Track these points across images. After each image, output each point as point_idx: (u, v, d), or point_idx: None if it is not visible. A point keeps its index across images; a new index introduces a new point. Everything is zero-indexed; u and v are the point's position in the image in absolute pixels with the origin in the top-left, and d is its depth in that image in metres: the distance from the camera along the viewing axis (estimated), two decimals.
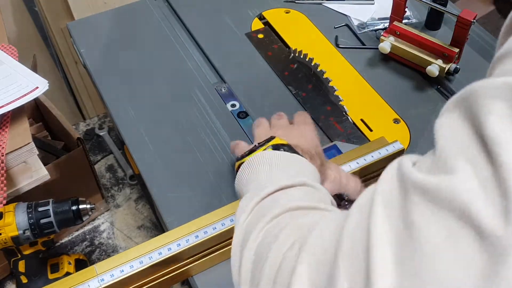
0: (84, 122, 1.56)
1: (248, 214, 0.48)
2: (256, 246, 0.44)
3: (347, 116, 0.87)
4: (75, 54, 1.19)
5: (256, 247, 0.44)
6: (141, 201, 1.33)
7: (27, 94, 0.85)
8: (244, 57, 0.98)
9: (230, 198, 0.74)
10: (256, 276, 0.42)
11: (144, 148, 0.83)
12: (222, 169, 0.79)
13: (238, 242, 0.47)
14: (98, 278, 0.61)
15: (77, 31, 1.04)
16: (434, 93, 0.91)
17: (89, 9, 1.27)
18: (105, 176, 1.39)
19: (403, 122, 0.86)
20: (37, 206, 0.84)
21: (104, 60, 0.98)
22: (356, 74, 0.94)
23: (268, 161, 0.57)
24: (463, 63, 0.93)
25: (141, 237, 1.25)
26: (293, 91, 0.91)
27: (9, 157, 0.81)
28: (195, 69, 0.96)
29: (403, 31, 0.92)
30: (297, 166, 0.57)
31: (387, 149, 0.73)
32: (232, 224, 0.66)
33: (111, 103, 0.90)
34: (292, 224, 0.43)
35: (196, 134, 0.85)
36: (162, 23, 1.05)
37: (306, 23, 1.05)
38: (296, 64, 0.96)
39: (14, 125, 0.85)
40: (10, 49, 0.96)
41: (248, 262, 0.44)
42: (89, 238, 1.24)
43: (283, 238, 0.41)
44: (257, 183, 0.54)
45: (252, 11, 1.08)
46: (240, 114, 0.88)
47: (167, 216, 0.74)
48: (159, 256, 0.63)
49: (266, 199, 0.50)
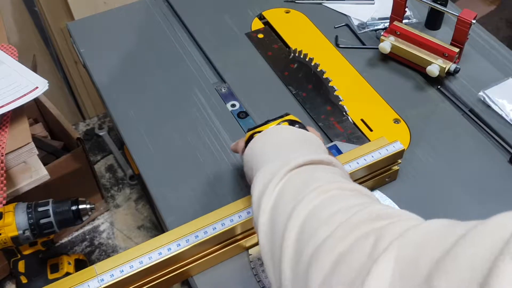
0: (84, 122, 1.56)
1: (280, 180, 0.48)
2: (306, 216, 0.43)
3: (347, 116, 0.87)
4: (75, 54, 1.19)
5: (305, 218, 0.43)
6: (141, 201, 1.33)
7: (27, 94, 0.85)
8: (244, 57, 0.98)
9: (230, 199, 0.74)
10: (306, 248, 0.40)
11: (144, 148, 0.83)
12: (222, 169, 0.79)
13: (269, 205, 0.47)
14: (98, 278, 0.61)
15: (77, 31, 1.04)
16: (434, 93, 0.91)
17: (89, 9, 1.27)
18: (105, 176, 1.39)
19: (403, 122, 0.86)
20: (37, 206, 0.84)
21: (104, 60, 0.98)
22: (356, 74, 0.94)
23: (287, 134, 0.57)
24: (463, 63, 0.93)
25: (141, 237, 1.25)
26: (293, 91, 0.91)
27: (9, 157, 0.81)
28: (195, 69, 0.96)
29: (403, 31, 0.92)
30: (314, 145, 0.57)
31: (387, 149, 0.73)
32: (232, 224, 0.66)
33: (111, 103, 0.90)
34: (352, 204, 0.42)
35: (196, 134, 0.84)
36: (162, 23, 1.05)
37: (306, 23, 1.05)
38: (296, 64, 0.96)
39: (14, 125, 0.85)
40: (10, 49, 0.96)
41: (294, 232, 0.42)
42: (89, 238, 1.24)
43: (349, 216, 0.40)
44: (278, 153, 0.53)
45: (252, 11, 1.08)
46: (240, 114, 0.88)
47: (167, 216, 0.74)
48: (159, 256, 0.63)
49: (300, 170, 0.49)
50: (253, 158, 0.57)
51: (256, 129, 0.61)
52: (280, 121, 0.61)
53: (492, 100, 0.87)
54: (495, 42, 1.00)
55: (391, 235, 0.36)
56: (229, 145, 0.82)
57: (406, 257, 0.33)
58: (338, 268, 0.37)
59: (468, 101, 0.89)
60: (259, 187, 0.50)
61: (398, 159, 0.76)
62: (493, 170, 0.78)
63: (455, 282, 0.28)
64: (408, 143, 0.83)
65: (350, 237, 0.38)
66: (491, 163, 0.80)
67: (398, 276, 0.33)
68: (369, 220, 0.39)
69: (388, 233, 0.36)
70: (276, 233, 0.45)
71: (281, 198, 0.47)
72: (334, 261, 0.37)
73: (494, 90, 0.88)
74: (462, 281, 0.28)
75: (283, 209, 0.45)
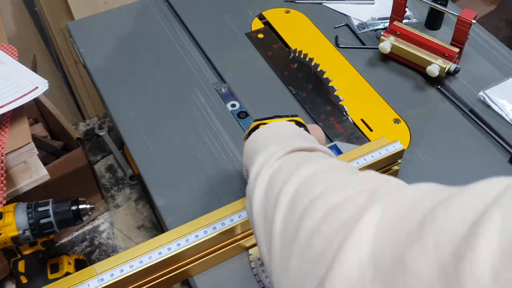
0: (84, 122, 1.56)
1: (280, 157, 0.49)
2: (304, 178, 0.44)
3: (347, 116, 0.87)
4: (75, 54, 1.19)
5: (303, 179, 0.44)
6: (141, 201, 1.33)
7: (27, 94, 0.85)
8: (244, 57, 0.98)
9: (230, 198, 0.74)
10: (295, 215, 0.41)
11: (144, 148, 0.83)
12: (222, 169, 0.79)
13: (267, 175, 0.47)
14: (98, 278, 0.61)
15: (77, 31, 1.04)
16: (434, 93, 0.91)
17: (89, 9, 1.27)
18: (105, 176, 1.39)
19: (403, 122, 0.86)
20: (37, 206, 0.84)
21: (104, 60, 0.98)
22: (356, 74, 0.94)
23: (291, 129, 0.58)
24: (463, 63, 0.93)
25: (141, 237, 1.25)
26: (293, 91, 0.91)
27: (9, 157, 0.81)
28: (195, 69, 0.96)
29: (403, 31, 0.92)
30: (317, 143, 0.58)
31: (387, 149, 0.73)
32: (232, 224, 0.66)
33: (111, 103, 0.90)
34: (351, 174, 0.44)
35: (196, 134, 0.84)
36: (162, 23, 1.05)
37: (306, 23, 1.05)
38: (296, 64, 0.96)
39: (14, 125, 0.85)
40: (10, 49, 0.96)
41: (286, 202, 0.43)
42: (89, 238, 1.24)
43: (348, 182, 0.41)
44: (279, 142, 0.54)
45: (252, 11, 1.08)
46: (240, 114, 0.88)
47: (167, 216, 0.74)
48: (159, 256, 0.63)
49: (300, 152, 0.50)
50: (254, 146, 0.57)
51: (263, 120, 0.61)
52: (288, 119, 0.62)
53: (492, 100, 0.87)
54: (495, 42, 1.00)
55: (385, 191, 0.37)
56: (229, 145, 0.83)
57: (399, 208, 0.34)
58: (330, 216, 0.38)
59: (468, 101, 0.89)
60: (258, 164, 0.50)
61: (398, 159, 0.76)
62: (493, 170, 0.78)
63: (445, 231, 0.29)
64: (408, 143, 0.83)
65: (346, 192, 0.39)
66: (491, 163, 0.80)
67: (390, 221, 0.33)
68: (366, 180, 0.41)
69: (383, 189, 0.38)
70: (271, 194, 0.45)
71: (279, 170, 0.48)
72: (328, 210, 0.38)
73: (494, 90, 0.88)
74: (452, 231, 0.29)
75: (282, 175, 0.46)
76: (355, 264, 0.33)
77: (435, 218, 0.30)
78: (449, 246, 0.28)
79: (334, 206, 0.38)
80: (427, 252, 0.29)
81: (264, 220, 0.45)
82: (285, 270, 0.39)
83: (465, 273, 0.26)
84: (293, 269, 0.38)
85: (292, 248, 0.39)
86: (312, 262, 0.36)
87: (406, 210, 0.33)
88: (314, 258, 0.36)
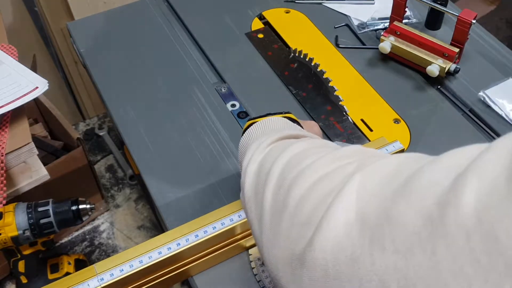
0: (84, 122, 1.56)
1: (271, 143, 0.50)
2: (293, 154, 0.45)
3: (347, 116, 0.87)
4: (75, 54, 1.19)
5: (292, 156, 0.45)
6: (141, 201, 1.33)
7: (27, 94, 0.85)
8: (244, 57, 0.98)
9: (230, 198, 0.74)
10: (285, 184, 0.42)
11: (144, 148, 0.83)
12: (222, 169, 0.79)
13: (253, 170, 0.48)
14: (97, 278, 0.61)
15: (77, 31, 1.04)
16: (434, 93, 0.91)
17: (89, 9, 1.27)
18: (105, 176, 1.39)
19: (403, 122, 0.86)
20: (37, 206, 0.84)
21: (104, 60, 0.98)
22: (356, 74, 0.94)
23: (283, 124, 0.59)
24: (463, 63, 0.93)
25: (141, 237, 1.25)
26: (293, 91, 0.91)
27: (9, 157, 0.81)
28: (195, 69, 0.96)
29: (403, 31, 0.92)
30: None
31: (387, 149, 0.73)
32: (232, 224, 0.66)
33: (111, 103, 0.90)
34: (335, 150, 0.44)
35: (196, 134, 0.84)
36: (162, 23, 1.05)
37: (306, 23, 1.05)
38: (296, 64, 0.96)
39: (14, 125, 0.85)
40: (10, 49, 0.96)
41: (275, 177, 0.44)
42: (89, 238, 1.24)
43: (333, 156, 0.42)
44: (269, 133, 0.55)
45: (252, 11, 1.08)
46: (240, 114, 0.88)
47: (167, 216, 0.74)
48: (159, 256, 0.63)
49: (288, 139, 0.51)
50: (247, 142, 0.59)
51: (256, 119, 0.62)
52: (281, 116, 0.62)
53: (492, 100, 0.87)
54: (495, 42, 1.00)
55: (372, 160, 0.38)
56: (229, 145, 0.83)
57: (384, 170, 0.35)
58: (318, 185, 0.39)
59: (468, 101, 0.89)
60: (249, 153, 0.51)
61: None
62: None
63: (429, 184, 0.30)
64: (408, 143, 0.83)
65: (334, 164, 0.40)
66: None
67: (376, 181, 0.34)
68: (354, 153, 0.42)
69: (369, 159, 0.39)
70: (261, 174, 0.46)
71: (269, 154, 0.49)
72: (316, 180, 0.39)
73: (494, 90, 0.88)
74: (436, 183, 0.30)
75: (271, 157, 0.47)
76: (342, 222, 0.33)
77: (419, 174, 0.31)
78: (433, 196, 0.29)
79: (322, 176, 0.39)
80: (412, 204, 0.30)
81: (255, 198, 0.45)
82: (275, 238, 0.40)
83: (449, 218, 0.27)
84: (282, 235, 0.39)
85: (281, 216, 0.40)
86: (301, 226, 0.37)
87: (391, 171, 0.35)
88: (303, 222, 0.37)
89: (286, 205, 0.40)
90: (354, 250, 0.32)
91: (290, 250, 0.37)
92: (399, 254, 0.29)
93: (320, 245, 0.34)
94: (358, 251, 0.31)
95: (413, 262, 0.28)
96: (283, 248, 0.38)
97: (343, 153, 0.42)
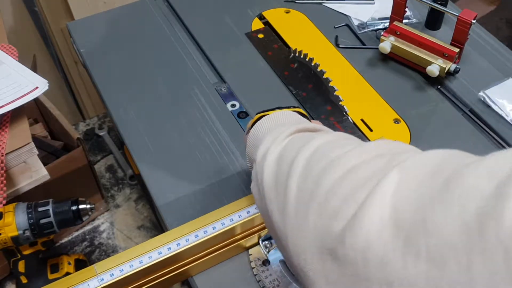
0: (84, 122, 1.56)
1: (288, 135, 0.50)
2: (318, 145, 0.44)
3: (347, 116, 0.87)
4: (75, 54, 1.19)
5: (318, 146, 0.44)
6: (141, 201, 1.33)
7: (27, 94, 0.85)
8: (244, 57, 0.98)
9: (230, 198, 0.74)
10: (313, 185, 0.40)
11: (144, 148, 0.83)
12: (222, 169, 0.79)
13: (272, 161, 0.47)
14: (97, 278, 0.61)
15: (77, 31, 1.04)
16: (434, 93, 0.91)
17: (89, 9, 1.27)
18: (105, 176, 1.39)
19: (403, 122, 0.86)
20: (37, 206, 0.84)
21: (104, 60, 0.98)
22: (356, 74, 0.94)
23: (294, 118, 0.58)
24: (463, 63, 0.93)
25: (141, 237, 1.25)
26: (293, 91, 0.91)
27: (9, 157, 0.81)
28: (195, 69, 0.96)
29: (403, 31, 0.92)
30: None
31: None
32: (232, 224, 0.66)
33: (111, 103, 0.90)
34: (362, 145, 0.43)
35: (196, 134, 0.84)
36: (162, 23, 1.05)
37: (306, 23, 1.05)
38: (296, 64, 0.96)
39: (14, 125, 0.85)
40: (10, 49, 0.96)
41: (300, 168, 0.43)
42: (89, 238, 1.24)
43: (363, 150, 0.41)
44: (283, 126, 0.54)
45: (252, 11, 1.08)
46: (240, 114, 0.88)
47: (167, 216, 0.74)
48: (158, 256, 0.63)
49: (305, 132, 0.50)
50: (259, 134, 0.58)
51: (265, 112, 0.62)
52: (290, 110, 0.62)
53: (492, 100, 0.87)
54: (495, 42, 1.00)
55: (406, 154, 0.37)
56: (229, 145, 0.83)
57: (422, 168, 0.33)
58: (348, 177, 0.37)
59: (468, 101, 0.89)
60: (265, 145, 0.51)
61: None
62: None
63: (470, 190, 0.28)
64: (408, 143, 0.83)
65: (364, 156, 0.39)
66: None
67: (413, 181, 0.33)
68: (383, 145, 0.40)
69: (403, 153, 0.37)
70: (283, 165, 0.45)
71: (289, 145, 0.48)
72: (345, 171, 0.38)
73: (494, 90, 0.88)
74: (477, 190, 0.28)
75: (292, 148, 0.46)
76: (376, 222, 0.32)
77: (460, 178, 0.29)
78: (473, 205, 0.27)
79: (352, 168, 0.38)
80: (450, 211, 0.28)
81: (275, 188, 0.44)
82: (301, 229, 0.39)
83: (488, 232, 0.25)
84: (310, 227, 0.38)
85: (308, 208, 0.38)
86: (329, 219, 0.36)
87: (430, 171, 0.33)
88: (331, 215, 0.36)
89: (313, 196, 0.38)
90: (385, 252, 0.31)
91: (319, 243, 0.36)
92: (432, 263, 0.28)
93: (352, 243, 0.33)
94: (390, 254, 0.30)
95: (447, 274, 0.27)
96: (311, 240, 0.37)
97: (373, 146, 0.41)
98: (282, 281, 0.66)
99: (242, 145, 0.80)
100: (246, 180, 0.78)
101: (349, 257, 0.33)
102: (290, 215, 0.41)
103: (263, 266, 0.68)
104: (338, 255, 0.34)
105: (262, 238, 0.70)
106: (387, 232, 0.31)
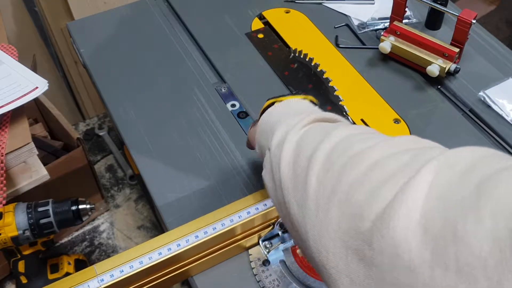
0: (84, 122, 1.56)
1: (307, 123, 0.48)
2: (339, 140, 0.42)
3: (348, 116, 0.87)
4: (75, 54, 1.19)
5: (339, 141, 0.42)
6: (141, 201, 1.33)
7: (27, 94, 0.85)
8: (244, 57, 0.98)
9: (230, 199, 0.74)
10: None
11: (144, 148, 0.83)
12: (222, 169, 0.79)
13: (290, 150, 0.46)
14: (97, 279, 0.61)
15: (77, 31, 1.04)
16: (434, 93, 0.91)
17: (89, 9, 1.27)
18: (105, 176, 1.39)
19: (403, 122, 0.86)
20: (36, 206, 0.84)
21: (104, 60, 0.98)
22: (356, 74, 0.94)
23: (308, 105, 0.57)
24: (463, 63, 0.93)
25: (141, 237, 1.25)
26: (293, 91, 0.91)
27: (9, 157, 0.81)
28: (195, 69, 0.96)
29: (404, 31, 0.92)
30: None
31: None
32: (232, 225, 0.66)
33: (111, 103, 0.90)
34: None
35: (196, 134, 0.84)
36: (162, 23, 1.05)
37: (306, 23, 1.05)
38: (296, 64, 0.96)
39: (14, 125, 0.85)
40: (10, 49, 0.96)
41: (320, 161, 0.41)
42: (88, 239, 1.24)
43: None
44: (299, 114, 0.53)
45: (252, 11, 1.08)
46: (240, 114, 0.88)
47: (167, 216, 0.74)
48: (159, 257, 0.63)
49: (323, 123, 0.49)
50: (272, 120, 0.56)
51: (277, 98, 0.60)
52: (302, 97, 0.61)
53: (492, 100, 0.87)
54: (495, 42, 1.00)
55: (435, 150, 0.35)
56: (229, 145, 0.83)
57: (454, 169, 0.32)
58: (372, 172, 0.36)
59: (468, 101, 0.89)
60: (281, 133, 0.49)
61: None
62: None
63: (504, 202, 0.27)
64: None
65: (389, 150, 0.37)
66: None
67: (444, 183, 0.31)
68: (408, 140, 0.39)
69: (431, 150, 0.36)
70: (302, 156, 0.44)
71: (307, 135, 0.47)
72: (370, 165, 0.36)
73: (494, 90, 0.88)
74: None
75: (311, 139, 0.45)
76: (404, 225, 0.31)
77: (495, 183, 0.28)
78: (507, 217, 0.26)
79: (376, 161, 0.36)
80: (482, 222, 0.27)
81: (294, 180, 0.43)
82: (323, 227, 0.37)
83: None
84: (333, 225, 0.36)
85: (329, 203, 0.37)
86: (353, 217, 0.35)
87: (463, 173, 0.31)
88: (355, 213, 0.35)
89: (335, 192, 0.37)
90: (412, 259, 0.30)
91: (344, 242, 0.35)
92: (462, 277, 0.27)
93: (379, 246, 0.32)
94: (417, 261, 0.29)
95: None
96: (334, 237, 0.36)
97: (397, 141, 0.39)
98: (282, 281, 0.66)
99: (242, 145, 0.80)
100: (246, 180, 0.78)
101: (376, 261, 0.32)
102: (311, 211, 0.39)
103: (263, 266, 0.68)
104: (365, 256, 0.33)
105: (262, 238, 0.70)
106: (415, 237, 0.30)
